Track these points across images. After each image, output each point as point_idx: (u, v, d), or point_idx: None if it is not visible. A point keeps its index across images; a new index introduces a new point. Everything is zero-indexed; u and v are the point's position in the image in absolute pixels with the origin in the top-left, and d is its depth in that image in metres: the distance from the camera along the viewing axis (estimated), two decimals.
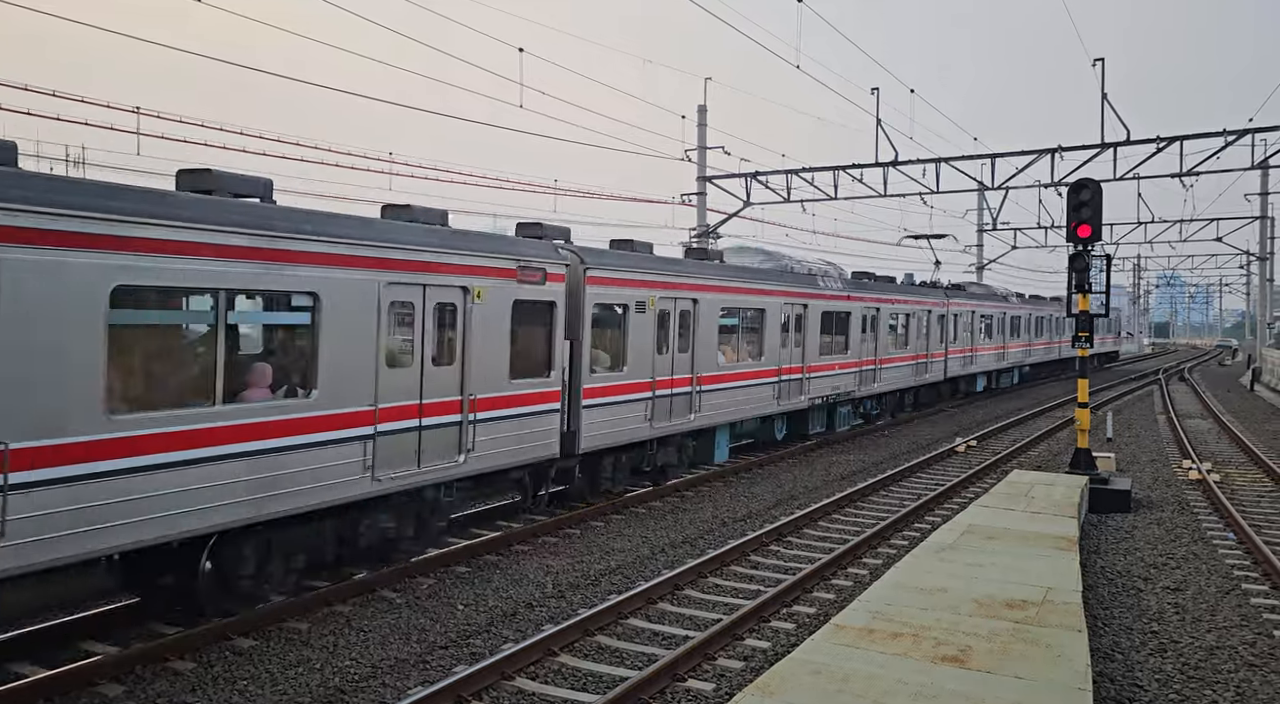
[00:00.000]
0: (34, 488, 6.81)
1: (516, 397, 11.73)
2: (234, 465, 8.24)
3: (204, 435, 8.00)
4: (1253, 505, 16.02)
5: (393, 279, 9.78)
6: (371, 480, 9.60)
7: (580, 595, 10.35)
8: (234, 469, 8.24)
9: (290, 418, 8.75)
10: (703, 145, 29.70)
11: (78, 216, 7.04)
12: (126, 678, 7.75)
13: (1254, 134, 24.06)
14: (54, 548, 6.96)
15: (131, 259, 7.43)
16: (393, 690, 7.70)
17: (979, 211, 47.95)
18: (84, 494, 7.12)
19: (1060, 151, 25.85)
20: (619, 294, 13.98)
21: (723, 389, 16.92)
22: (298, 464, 8.82)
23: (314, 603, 9.59)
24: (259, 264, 8.42)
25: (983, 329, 34.53)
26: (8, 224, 6.66)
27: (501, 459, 11.56)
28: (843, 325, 22.42)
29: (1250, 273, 69.91)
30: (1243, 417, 31.02)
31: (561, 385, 12.72)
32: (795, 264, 21.21)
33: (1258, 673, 8.46)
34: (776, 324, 18.90)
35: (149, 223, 7.53)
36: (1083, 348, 16.31)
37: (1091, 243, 15.82)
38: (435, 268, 10.37)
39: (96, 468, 7.19)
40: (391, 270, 9.77)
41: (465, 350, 10.86)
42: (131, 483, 7.44)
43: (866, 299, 23.82)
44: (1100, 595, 10.68)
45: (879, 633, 7.06)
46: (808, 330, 20.32)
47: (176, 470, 7.77)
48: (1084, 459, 16.37)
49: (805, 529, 13.79)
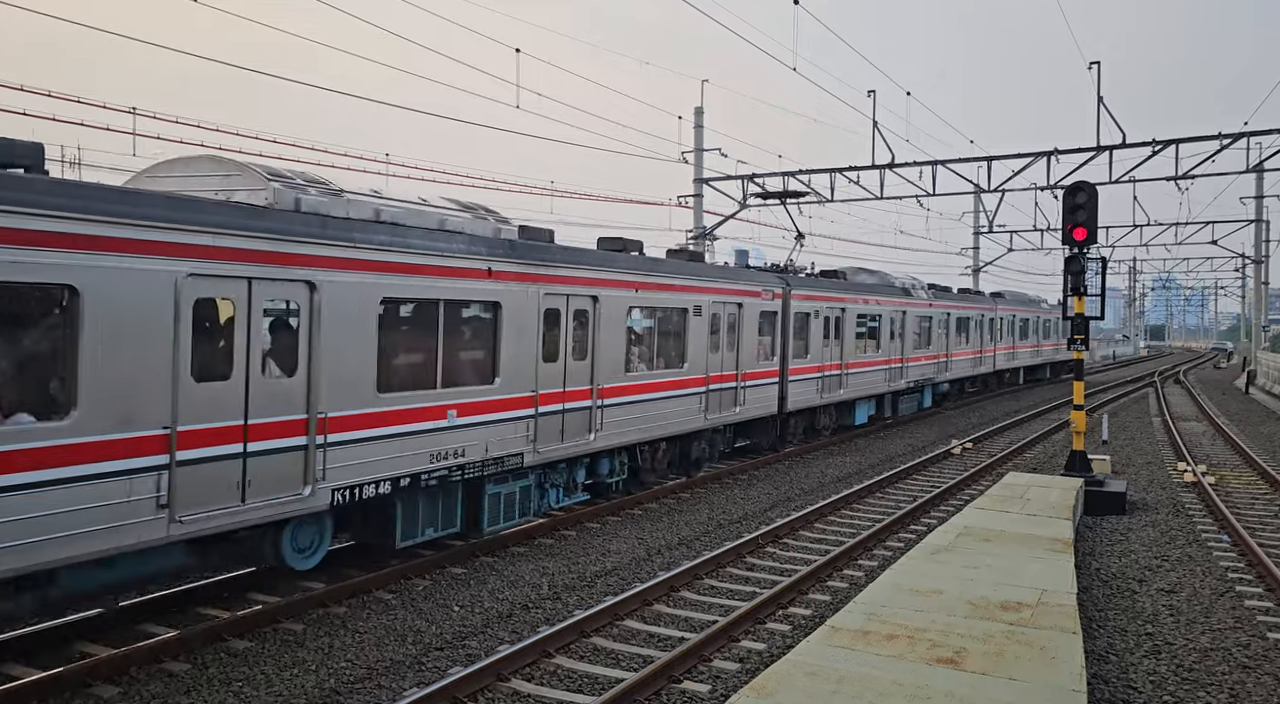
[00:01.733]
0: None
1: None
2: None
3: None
4: (1247, 508, 16.06)
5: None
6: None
7: (576, 597, 10.35)
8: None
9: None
10: (699, 147, 29.72)
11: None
12: (121, 679, 7.74)
13: (1249, 137, 24.15)
14: None
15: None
16: (388, 692, 7.70)
17: (975, 214, 48.03)
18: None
19: (1056, 154, 25.92)
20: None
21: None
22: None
23: (309, 604, 9.59)
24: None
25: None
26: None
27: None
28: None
29: (1246, 276, 70.03)
30: (1238, 420, 31.09)
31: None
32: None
33: (1252, 675, 8.48)
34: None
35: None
36: (1078, 351, 16.39)
37: (1087, 245, 15.85)
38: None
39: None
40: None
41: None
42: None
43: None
44: (1095, 597, 10.70)
45: (874, 635, 7.07)
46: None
47: None
48: (1079, 461, 16.39)
49: (801, 531, 13.80)
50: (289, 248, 8.78)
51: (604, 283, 13.83)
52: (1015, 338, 39.36)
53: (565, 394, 12.87)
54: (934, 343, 29.35)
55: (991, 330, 35.78)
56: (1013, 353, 39.07)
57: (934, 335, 29.33)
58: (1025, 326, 40.80)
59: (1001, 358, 37.48)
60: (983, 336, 34.75)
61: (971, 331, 33.39)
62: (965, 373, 33.26)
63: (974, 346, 33.81)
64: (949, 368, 31.06)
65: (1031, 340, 42.02)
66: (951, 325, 31.09)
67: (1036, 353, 42.89)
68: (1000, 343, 36.91)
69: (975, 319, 33.81)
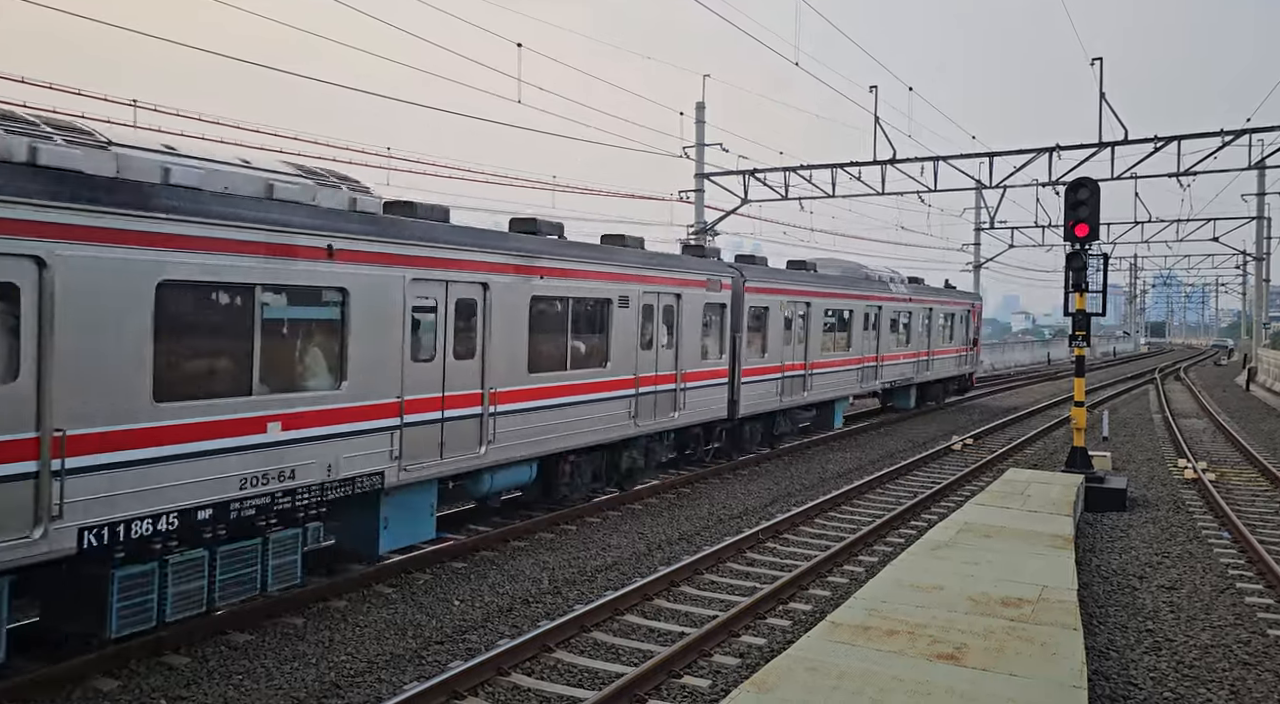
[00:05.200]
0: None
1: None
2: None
3: None
4: (1248, 505, 16.05)
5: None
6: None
7: (576, 591, 10.35)
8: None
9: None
10: (701, 142, 29.67)
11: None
12: (121, 672, 7.74)
13: (1251, 134, 24.08)
14: None
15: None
16: (388, 686, 7.70)
17: (976, 210, 47.97)
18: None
19: (1058, 150, 25.86)
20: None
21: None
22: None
23: (309, 598, 9.58)
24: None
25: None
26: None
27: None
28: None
29: (1247, 273, 69.95)
30: (1238, 416, 31.08)
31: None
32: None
33: (1252, 671, 8.48)
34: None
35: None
36: (1080, 347, 16.36)
37: (1089, 242, 15.83)
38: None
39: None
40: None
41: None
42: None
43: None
44: (1095, 594, 10.69)
45: (875, 630, 7.06)
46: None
47: None
48: (1080, 458, 16.39)
49: (802, 526, 13.80)
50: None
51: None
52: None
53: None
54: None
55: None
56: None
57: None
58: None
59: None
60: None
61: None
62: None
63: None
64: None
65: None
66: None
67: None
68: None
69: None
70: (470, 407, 11.31)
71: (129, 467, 7.59)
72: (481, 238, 11.60)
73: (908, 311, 26.97)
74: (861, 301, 23.77)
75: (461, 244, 11.12)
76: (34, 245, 6.97)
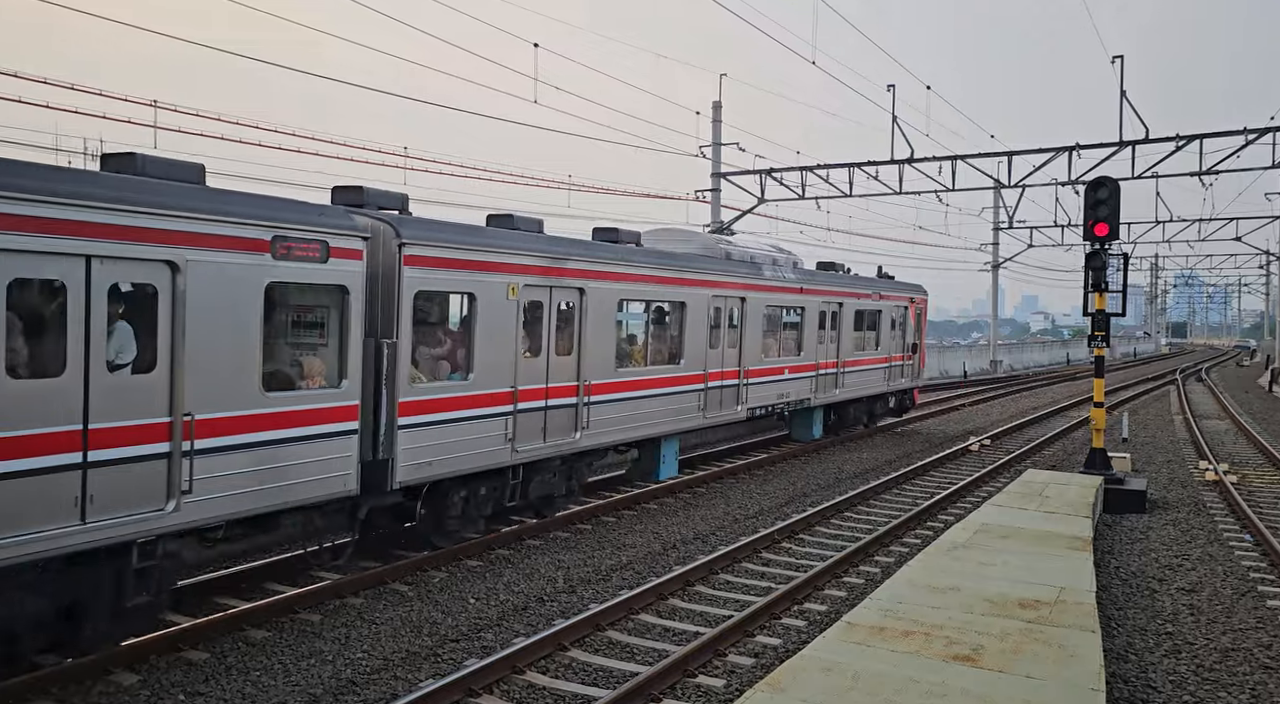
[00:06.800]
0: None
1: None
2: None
3: None
4: (1270, 507, 15.88)
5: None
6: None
7: (592, 590, 10.36)
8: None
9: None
10: (717, 141, 29.61)
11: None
12: (141, 667, 7.81)
13: (1275, 132, 23.79)
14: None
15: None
16: (404, 683, 7.73)
17: (995, 209, 47.68)
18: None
19: (1078, 149, 25.65)
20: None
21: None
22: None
23: (326, 595, 9.64)
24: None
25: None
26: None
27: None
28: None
29: (1270, 273, 69.33)
30: (1261, 418, 30.77)
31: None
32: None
33: (1273, 675, 8.39)
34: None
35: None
36: (1099, 348, 16.25)
37: (1109, 241, 15.71)
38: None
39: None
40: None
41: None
42: None
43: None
44: (1114, 596, 10.61)
45: (891, 631, 7.04)
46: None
47: None
48: (1099, 459, 16.27)
49: (817, 526, 13.76)
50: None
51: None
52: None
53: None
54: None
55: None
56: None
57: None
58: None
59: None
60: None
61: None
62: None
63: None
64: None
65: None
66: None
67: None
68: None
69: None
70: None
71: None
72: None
73: (797, 307, 19.45)
74: (703, 291, 15.75)
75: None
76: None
